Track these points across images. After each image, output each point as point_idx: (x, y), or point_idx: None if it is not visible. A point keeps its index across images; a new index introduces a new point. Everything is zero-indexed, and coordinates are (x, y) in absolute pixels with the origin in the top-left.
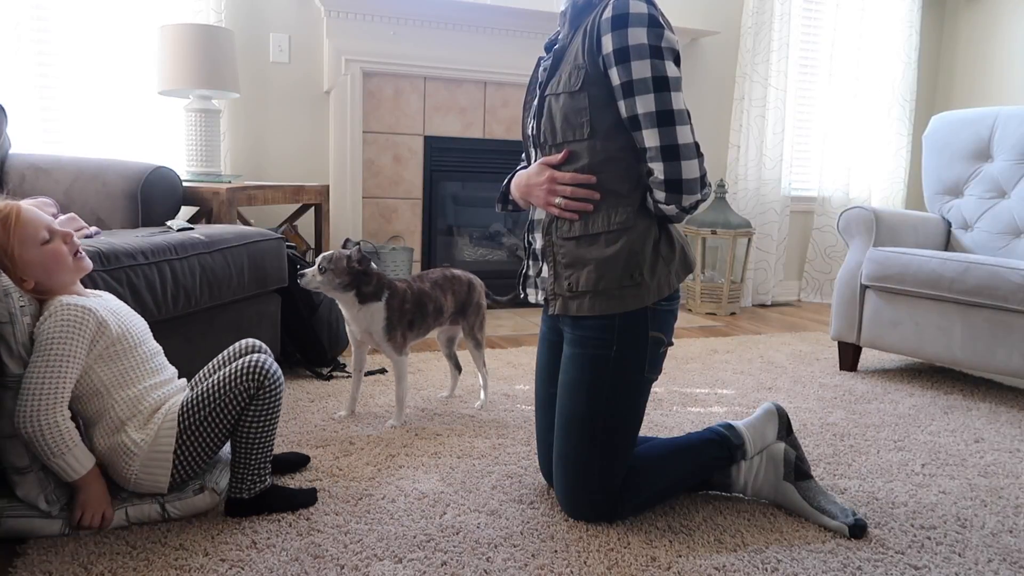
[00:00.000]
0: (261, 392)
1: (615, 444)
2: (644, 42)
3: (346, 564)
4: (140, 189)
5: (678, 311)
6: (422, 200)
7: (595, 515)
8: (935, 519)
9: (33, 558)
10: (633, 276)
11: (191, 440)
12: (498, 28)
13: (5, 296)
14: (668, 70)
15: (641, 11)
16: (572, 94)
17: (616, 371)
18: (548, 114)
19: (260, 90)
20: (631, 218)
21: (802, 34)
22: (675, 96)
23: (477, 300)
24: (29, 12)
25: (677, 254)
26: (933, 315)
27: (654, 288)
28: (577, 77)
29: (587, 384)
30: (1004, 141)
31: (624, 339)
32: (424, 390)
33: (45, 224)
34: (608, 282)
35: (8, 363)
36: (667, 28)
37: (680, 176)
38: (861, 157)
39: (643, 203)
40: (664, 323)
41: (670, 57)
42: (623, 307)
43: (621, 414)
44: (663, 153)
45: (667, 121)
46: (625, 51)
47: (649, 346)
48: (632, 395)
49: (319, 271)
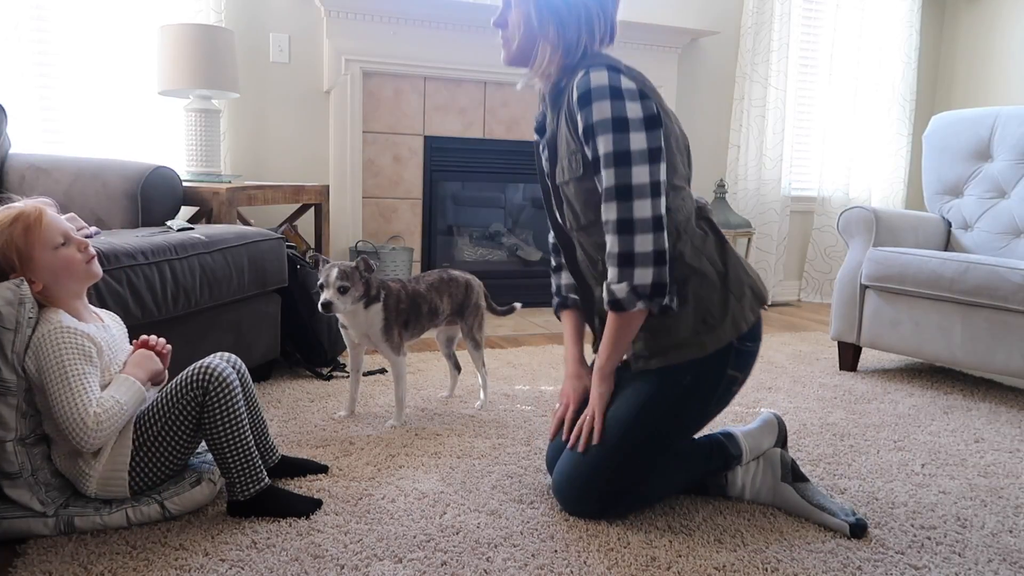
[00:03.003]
0: (208, 398)
1: (643, 457)
2: (607, 116)
3: (346, 564)
4: (140, 189)
5: (759, 351)
6: (422, 200)
7: (586, 510)
8: (935, 519)
9: (33, 558)
10: (706, 321)
11: (149, 454)
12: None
13: (20, 304)
14: (631, 143)
15: (602, 83)
16: (579, 179)
17: (683, 396)
18: (567, 202)
19: (260, 90)
20: (684, 269)
21: (802, 34)
22: (636, 170)
23: (476, 301)
24: (29, 12)
25: (747, 288)
26: (933, 315)
27: (729, 326)
28: (576, 163)
29: (647, 396)
30: (1004, 141)
31: (701, 372)
32: (424, 390)
33: (62, 230)
34: (684, 332)
35: (2, 369)
36: (632, 97)
37: (632, 249)
38: (861, 157)
39: (692, 250)
40: (744, 362)
41: (637, 127)
42: (702, 351)
43: (667, 435)
44: (616, 226)
45: (624, 195)
46: (590, 128)
47: (724, 382)
48: (686, 422)
49: (340, 292)
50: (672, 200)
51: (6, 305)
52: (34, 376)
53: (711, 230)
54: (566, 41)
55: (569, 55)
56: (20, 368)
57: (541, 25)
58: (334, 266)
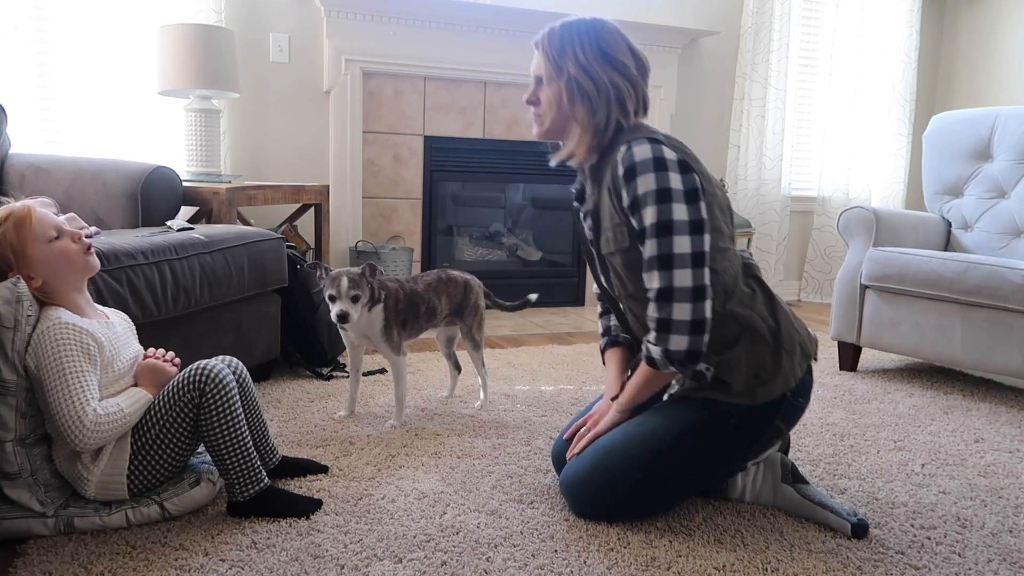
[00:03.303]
0: (205, 399)
1: (668, 478)
2: (652, 188)
3: (346, 564)
4: (140, 189)
5: (806, 409)
6: (422, 200)
7: (594, 513)
8: (935, 519)
9: (33, 558)
10: (758, 376)
11: (147, 456)
12: (498, 28)
13: (17, 302)
14: (674, 213)
15: (646, 156)
16: (625, 251)
17: (726, 435)
18: (614, 272)
19: (260, 90)
20: (735, 328)
21: (802, 34)
22: (678, 240)
23: (474, 301)
24: (29, 12)
25: (797, 345)
26: (933, 315)
27: (781, 381)
28: (622, 235)
29: (691, 422)
30: (1004, 141)
31: (749, 417)
32: (424, 390)
33: (54, 224)
34: (737, 387)
35: (2, 368)
36: (674, 168)
37: (670, 317)
38: (861, 157)
39: (743, 309)
40: (791, 417)
41: (679, 198)
42: (753, 401)
43: (698, 466)
44: (657, 294)
45: (665, 264)
46: (636, 201)
47: (768, 432)
48: (720, 462)
49: (352, 301)
50: (719, 262)
51: (4, 304)
52: (34, 373)
53: (759, 287)
54: (595, 123)
55: (598, 136)
56: (21, 367)
57: (572, 106)
58: (342, 275)
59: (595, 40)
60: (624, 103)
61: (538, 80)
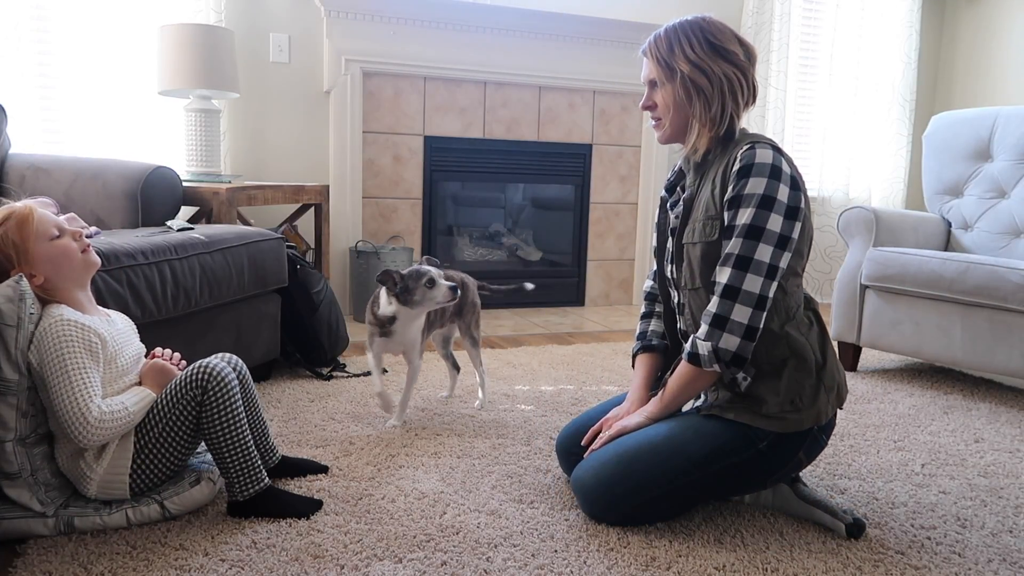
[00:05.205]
0: (207, 397)
1: (690, 493)
2: (759, 192)
3: (346, 564)
4: (140, 189)
5: (826, 446)
6: (422, 200)
7: (607, 517)
8: (935, 519)
9: (33, 558)
10: (795, 403)
11: (149, 455)
12: (498, 28)
13: (20, 300)
14: (770, 222)
15: (766, 161)
16: (709, 244)
17: (755, 459)
18: (687, 261)
19: (260, 90)
20: (785, 350)
21: (802, 34)
22: (763, 247)
23: (472, 299)
24: (29, 12)
25: (836, 385)
26: (933, 315)
27: (813, 414)
28: (712, 228)
29: (723, 442)
30: (1004, 141)
31: (777, 443)
32: (424, 390)
33: (55, 222)
34: (772, 408)
35: (4, 367)
36: (787, 182)
37: (729, 315)
38: (861, 157)
39: (798, 334)
40: (813, 452)
41: (780, 210)
42: (783, 428)
43: (720, 485)
44: (723, 289)
45: (742, 266)
46: (738, 198)
47: (791, 463)
48: (743, 483)
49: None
50: (790, 284)
51: (6, 302)
52: (37, 371)
53: (816, 321)
54: (712, 116)
55: (715, 127)
56: (23, 365)
57: (689, 103)
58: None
59: (702, 34)
60: (736, 94)
61: (651, 84)
